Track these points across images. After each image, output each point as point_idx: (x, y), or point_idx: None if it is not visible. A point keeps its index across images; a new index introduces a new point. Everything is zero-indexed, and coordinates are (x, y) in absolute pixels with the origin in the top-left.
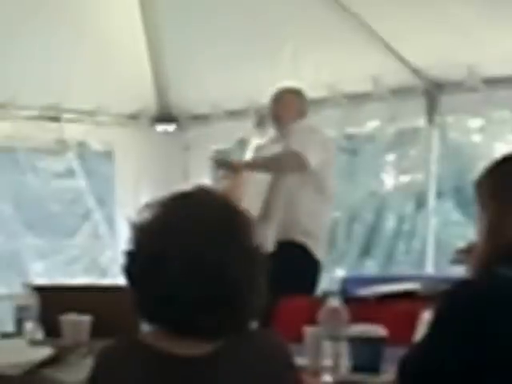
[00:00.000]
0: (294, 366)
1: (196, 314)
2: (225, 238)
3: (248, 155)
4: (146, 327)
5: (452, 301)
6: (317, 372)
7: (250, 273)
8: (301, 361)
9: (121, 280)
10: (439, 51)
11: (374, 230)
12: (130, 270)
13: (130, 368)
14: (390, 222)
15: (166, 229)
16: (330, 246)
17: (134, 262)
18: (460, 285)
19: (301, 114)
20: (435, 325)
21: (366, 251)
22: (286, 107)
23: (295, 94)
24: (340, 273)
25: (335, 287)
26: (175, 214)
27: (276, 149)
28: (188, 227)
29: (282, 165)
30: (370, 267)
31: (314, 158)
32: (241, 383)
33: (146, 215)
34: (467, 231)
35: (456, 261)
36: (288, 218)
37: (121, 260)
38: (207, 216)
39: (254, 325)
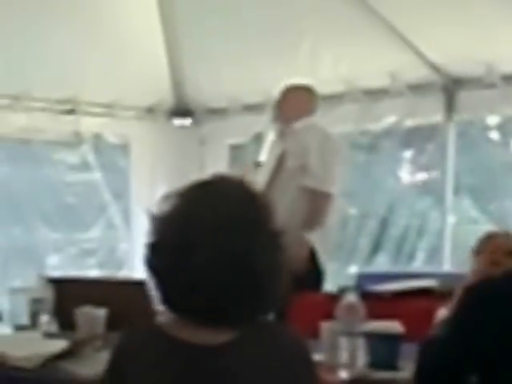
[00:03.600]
0: (312, 361)
1: (221, 302)
2: (248, 226)
3: (264, 151)
4: (160, 319)
5: (471, 298)
6: (333, 368)
7: (274, 260)
8: (317, 356)
9: (136, 273)
10: (458, 47)
11: (389, 227)
12: (152, 261)
13: (149, 356)
14: (406, 219)
15: (189, 219)
16: (345, 241)
17: (158, 254)
18: (479, 282)
19: (307, 112)
20: (454, 321)
21: (379, 247)
22: (290, 104)
23: (303, 90)
24: (353, 269)
25: (350, 283)
26: (196, 203)
27: (280, 148)
28: (211, 217)
29: (321, 220)
30: (385, 264)
31: (336, 184)
32: (255, 373)
33: (166, 206)
34: (484, 228)
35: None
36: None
37: (137, 253)
38: (229, 204)
39: (270, 318)
